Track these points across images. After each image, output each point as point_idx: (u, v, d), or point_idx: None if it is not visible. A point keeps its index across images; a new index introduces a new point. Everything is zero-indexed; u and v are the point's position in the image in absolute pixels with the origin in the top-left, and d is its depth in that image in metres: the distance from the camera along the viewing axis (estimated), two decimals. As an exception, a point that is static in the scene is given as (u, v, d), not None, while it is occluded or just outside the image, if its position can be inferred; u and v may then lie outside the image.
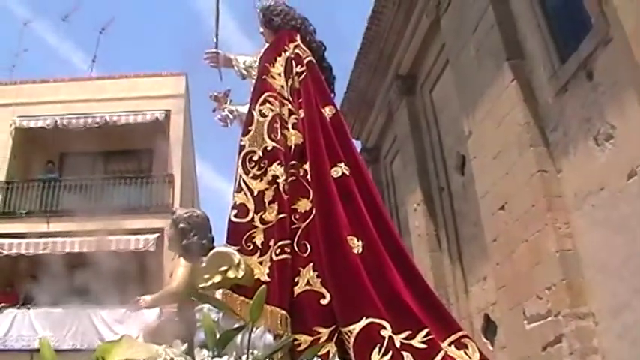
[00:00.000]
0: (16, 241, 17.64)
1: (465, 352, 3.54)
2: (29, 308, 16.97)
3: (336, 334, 3.45)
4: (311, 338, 3.42)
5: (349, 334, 3.40)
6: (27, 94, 20.08)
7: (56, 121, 18.94)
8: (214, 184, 62.91)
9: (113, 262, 17.22)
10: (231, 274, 3.13)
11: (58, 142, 19.14)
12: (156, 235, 16.79)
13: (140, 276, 15.71)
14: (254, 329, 3.02)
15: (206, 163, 67.47)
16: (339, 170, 3.93)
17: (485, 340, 10.61)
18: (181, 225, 3.39)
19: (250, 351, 2.93)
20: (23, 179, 19.25)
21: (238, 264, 3.14)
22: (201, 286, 3.18)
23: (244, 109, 4.53)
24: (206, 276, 3.18)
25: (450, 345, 3.53)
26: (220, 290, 3.35)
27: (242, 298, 3.34)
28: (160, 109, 18.87)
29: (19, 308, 17.06)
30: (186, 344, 2.91)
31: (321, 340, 3.42)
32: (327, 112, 4.23)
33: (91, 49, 57.56)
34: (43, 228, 17.96)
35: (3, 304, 17.06)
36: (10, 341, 16.58)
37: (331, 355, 3.33)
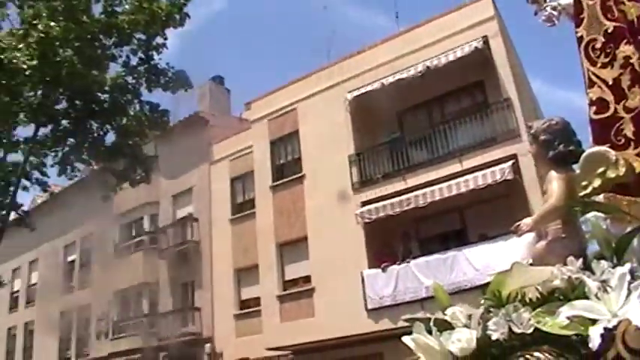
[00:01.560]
0: (380, 204, 18.73)
1: None
2: (408, 262, 17.90)
3: None
4: None
5: None
6: (349, 69, 21.24)
7: (382, 84, 19.64)
8: (553, 96, 60.68)
9: (474, 200, 17.38)
10: (610, 173, 2.84)
11: (390, 103, 19.80)
12: (510, 162, 16.55)
13: (506, 207, 15.66)
14: (652, 228, 2.71)
15: (538, 78, 65.01)
16: None
17: None
18: (542, 137, 3.16)
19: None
20: (371, 146, 20.34)
21: (616, 161, 2.83)
22: (581, 194, 2.94)
23: (567, 0, 4.14)
24: (584, 183, 2.93)
25: None
26: (602, 195, 3.07)
27: (628, 197, 3.04)
28: (476, 38, 18.48)
29: (399, 264, 18.10)
30: (580, 259, 2.70)
31: None
32: (664, -35, 3.64)
33: (390, 7, 58.93)
34: (401, 186, 18.79)
35: (385, 264, 18.24)
36: (399, 295, 17.72)
37: None
